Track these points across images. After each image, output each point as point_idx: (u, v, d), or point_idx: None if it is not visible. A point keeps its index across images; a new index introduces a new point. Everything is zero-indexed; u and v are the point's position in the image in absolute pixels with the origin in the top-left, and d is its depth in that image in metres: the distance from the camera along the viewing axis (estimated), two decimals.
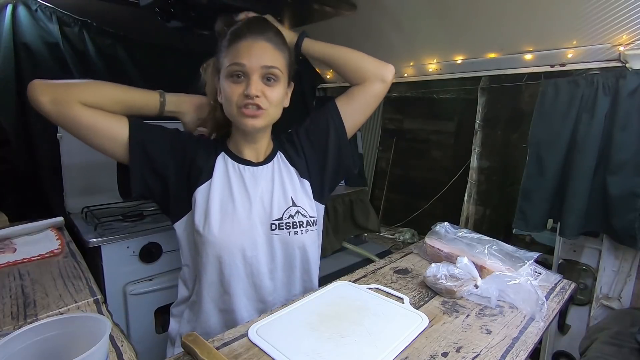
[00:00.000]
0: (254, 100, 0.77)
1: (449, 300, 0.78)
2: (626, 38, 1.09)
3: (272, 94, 0.80)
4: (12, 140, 1.46)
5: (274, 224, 0.84)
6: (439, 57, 1.62)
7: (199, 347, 0.57)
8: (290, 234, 0.84)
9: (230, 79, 0.79)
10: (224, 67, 0.79)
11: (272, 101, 0.80)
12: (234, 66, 0.77)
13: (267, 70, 0.78)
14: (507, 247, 0.92)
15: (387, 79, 0.93)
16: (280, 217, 0.84)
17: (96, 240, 1.27)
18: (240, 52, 0.77)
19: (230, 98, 0.78)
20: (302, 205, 0.87)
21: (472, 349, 0.62)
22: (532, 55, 1.33)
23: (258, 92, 0.77)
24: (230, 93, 0.78)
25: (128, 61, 1.76)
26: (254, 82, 0.77)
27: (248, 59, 0.77)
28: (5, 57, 1.41)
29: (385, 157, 2.92)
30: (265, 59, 0.78)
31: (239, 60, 0.77)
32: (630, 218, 1.13)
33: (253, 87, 0.76)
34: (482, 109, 2.17)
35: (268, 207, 0.84)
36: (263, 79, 0.79)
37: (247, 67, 0.77)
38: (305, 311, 0.71)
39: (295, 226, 0.85)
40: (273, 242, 0.84)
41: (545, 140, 1.28)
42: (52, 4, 1.50)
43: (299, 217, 0.86)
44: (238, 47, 0.78)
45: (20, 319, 0.70)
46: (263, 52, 0.78)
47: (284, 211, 0.85)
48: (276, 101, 0.81)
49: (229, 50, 0.79)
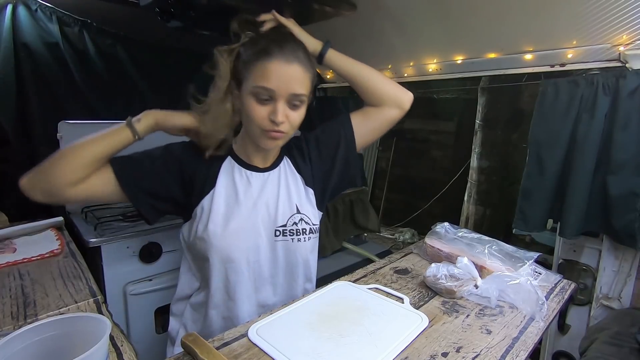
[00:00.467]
0: (279, 127, 0.76)
1: (449, 300, 0.78)
2: (626, 38, 1.09)
3: (296, 118, 0.79)
4: (12, 140, 1.46)
5: (278, 231, 0.85)
6: (439, 57, 1.62)
7: (199, 347, 0.57)
8: (293, 240, 0.85)
9: (254, 98, 0.76)
10: (249, 84, 0.76)
11: (294, 124, 0.79)
12: (261, 89, 0.74)
13: (294, 98, 0.76)
14: (507, 247, 0.92)
15: (405, 106, 0.94)
16: (284, 223, 0.85)
17: (96, 240, 1.27)
18: (270, 75, 0.74)
19: (254, 118, 0.76)
20: (306, 212, 0.88)
21: (472, 349, 0.62)
22: (532, 55, 1.33)
23: (284, 119, 0.76)
24: (254, 114, 0.76)
25: (128, 61, 1.76)
26: (280, 109, 0.75)
27: (277, 84, 0.74)
28: (5, 57, 1.41)
29: (385, 157, 2.92)
30: (294, 86, 0.75)
31: (268, 84, 0.74)
32: (630, 218, 1.13)
33: (280, 115, 0.75)
34: (482, 109, 2.17)
35: (273, 213, 0.85)
36: (289, 103, 0.77)
37: (275, 93, 0.74)
38: (305, 311, 0.71)
39: (299, 233, 0.86)
40: (276, 248, 0.85)
41: (545, 140, 1.28)
42: (52, 4, 1.50)
43: (302, 224, 0.87)
44: (267, 67, 0.74)
45: (20, 319, 0.70)
46: (293, 78, 0.75)
47: (288, 218, 0.86)
48: (298, 123, 0.80)
49: (255, 66, 0.75)
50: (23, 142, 1.49)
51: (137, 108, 1.86)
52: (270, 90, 0.74)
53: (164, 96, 1.89)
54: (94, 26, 1.64)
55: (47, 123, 1.50)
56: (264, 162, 0.88)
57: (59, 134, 1.50)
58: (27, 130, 1.50)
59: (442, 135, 2.65)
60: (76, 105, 1.62)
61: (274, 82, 0.74)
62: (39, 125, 1.51)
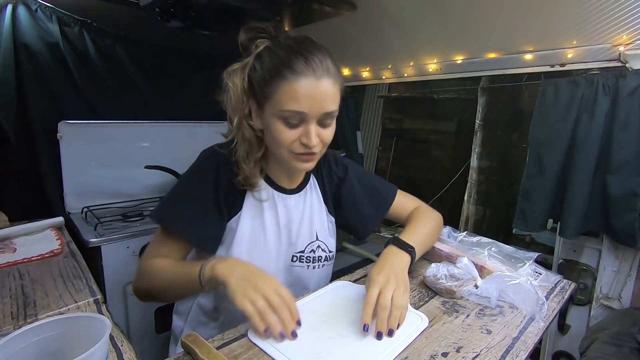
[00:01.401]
0: (311, 149, 0.70)
1: (449, 300, 0.78)
2: (626, 38, 1.09)
3: (329, 136, 0.73)
4: (12, 140, 1.46)
5: (295, 256, 0.84)
6: (439, 57, 1.62)
7: (199, 347, 0.57)
8: (309, 267, 0.85)
9: (283, 121, 0.69)
10: (275, 107, 0.68)
11: (326, 142, 0.73)
12: (290, 113, 0.67)
13: (327, 116, 0.70)
14: (506, 248, 0.92)
15: None
16: (302, 250, 0.84)
17: (96, 240, 1.27)
18: (300, 96, 0.65)
19: (282, 142, 0.70)
20: (324, 240, 0.87)
21: (472, 349, 0.62)
22: (532, 55, 1.33)
23: (317, 141, 0.69)
24: (283, 138, 0.69)
25: (128, 61, 1.76)
26: (313, 132, 0.68)
27: (309, 106, 0.66)
28: (5, 57, 1.41)
29: (385, 157, 2.92)
30: (327, 104, 0.68)
31: (299, 108, 0.66)
32: (630, 218, 1.13)
33: (313, 138, 0.68)
34: (482, 109, 2.18)
35: (294, 238, 0.84)
36: (320, 122, 0.70)
37: (307, 115, 0.67)
38: (306, 311, 0.71)
39: (315, 260, 0.85)
40: (292, 272, 0.85)
41: (545, 140, 1.28)
42: (52, 4, 1.50)
43: (319, 252, 0.86)
44: (295, 88, 0.65)
45: (20, 319, 0.70)
46: (326, 96, 0.67)
47: (307, 245, 0.85)
48: (330, 140, 0.74)
49: (280, 86, 0.66)
50: (23, 142, 1.49)
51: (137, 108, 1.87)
52: (301, 113, 0.67)
53: (164, 96, 1.89)
54: (94, 26, 1.64)
55: (47, 123, 1.50)
56: (290, 182, 0.85)
57: (59, 134, 1.50)
58: (27, 130, 1.50)
59: (442, 135, 2.65)
60: (76, 105, 1.62)
61: (305, 104, 0.66)
62: (39, 125, 1.51)
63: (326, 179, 0.90)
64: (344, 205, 0.92)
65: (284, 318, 0.61)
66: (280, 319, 0.61)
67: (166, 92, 1.89)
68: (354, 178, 0.92)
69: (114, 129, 1.67)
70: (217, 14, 1.29)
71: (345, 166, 0.93)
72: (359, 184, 0.92)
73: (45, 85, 1.53)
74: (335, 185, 0.91)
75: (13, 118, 1.46)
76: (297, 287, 0.86)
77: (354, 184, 0.92)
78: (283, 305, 0.61)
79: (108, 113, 1.71)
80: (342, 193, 0.91)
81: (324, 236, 0.88)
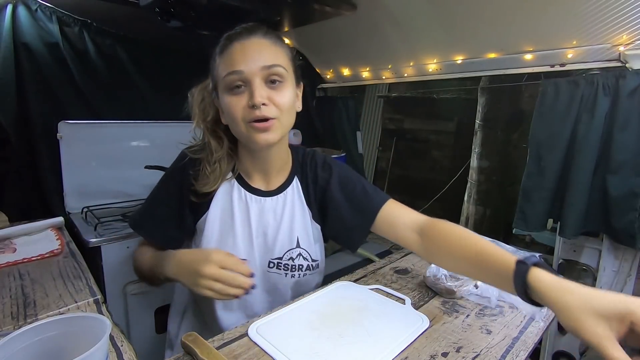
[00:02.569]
0: (261, 111, 0.66)
1: (449, 300, 0.78)
2: (626, 38, 1.09)
3: (281, 99, 0.69)
4: (12, 140, 1.46)
5: (272, 262, 0.79)
6: (439, 57, 1.62)
7: (199, 347, 0.57)
8: (287, 275, 0.79)
9: (229, 92, 0.69)
10: (221, 80, 0.70)
11: (282, 107, 0.69)
12: (230, 76, 0.67)
13: (269, 71, 0.68)
14: (507, 247, 0.92)
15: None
16: (280, 256, 0.79)
17: (96, 240, 1.27)
18: (234, 57, 0.67)
19: (234, 113, 0.68)
20: (307, 248, 0.81)
21: (472, 349, 0.62)
22: (532, 55, 1.33)
23: (264, 99, 0.67)
24: (232, 108, 0.68)
25: (128, 61, 1.76)
26: (257, 89, 0.66)
27: (244, 62, 0.67)
28: (5, 57, 1.41)
29: (385, 157, 2.92)
30: (264, 57, 0.67)
31: (234, 67, 0.67)
32: (630, 218, 1.13)
33: (257, 94, 0.66)
34: (482, 109, 2.17)
35: (271, 243, 0.79)
36: (267, 82, 0.68)
37: (245, 72, 0.67)
38: (306, 310, 0.71)
39: (294, 269, 0.79)
40: (269, 278, 0.80)
41: (545, 140, 1.28)
42: (52, 4, 1.50)
43: (299, 260, 0.80)
44: (230, 53, 0.68)
45: (20, 319, 0.70)
46: (260, 50, 0.68)
47: (286, 252, 0.79)
48: (287, 106, 0.70)
49: (221, 58, 0.70)
50: (23, 143, 1.49)
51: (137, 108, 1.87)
52: (238, 72, 0.67)
53: (164, 96, 1.89)
54: (94, 26, 1.64)
55: (47, 123, 1.50)
56: (266, 184, 0.81)
57: (59, 134, 1.50)
58: (27, 131, 1.49)
59: (442, 135, 2.65)
60: (76, 105, 1.62)
61: (240, 61, 0.67)
62: (39, 125, 1.50)
63: (311, 182, 0.83)
64: (328, 211, 0.83)
65: (240, 283, 0.64)
66: (238, 285, 0.64)
67: (166, 92, 1.89)
68: (336, 181, 0.82)
69: (114, 129, 1.67)
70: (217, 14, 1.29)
71: (330, 167, 0.84)
72: (340, 188, 0.82)
73: (45, 85, 1.52)
74: (321, 189, 0.83)
75: (13, 118, 1.46)
76: (274, 294, 0.81)
77: (336, 187, 0.82)
78: (233, 275, 0.64)
79: (108, 113, 1.71)
80: (326, 197, 0.82)
81: (307, 243, 0.81)
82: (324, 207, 0.84)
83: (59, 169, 1.53)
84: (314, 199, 0.84)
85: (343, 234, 0.84)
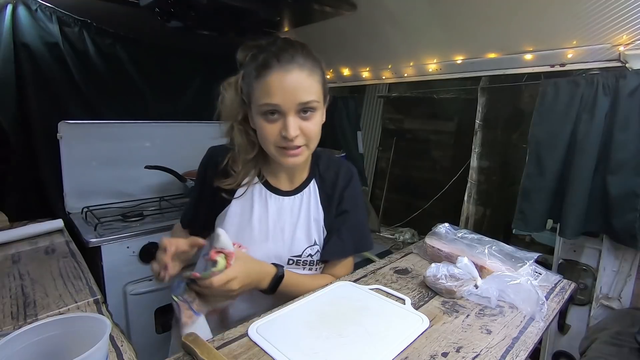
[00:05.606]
0: (293, 142, 0.72)
1: (449, 300, 0.78)
2: (626, 38, 1.09)
3: (311, 128, 0.74)
4: (12, 141, 1.46)
5: (292, 260, 0.84)
6: (439, 57, 1.62)
7: (199, 347, 0.57)
8: (305, 269, 0.85)
9: (263, 117, 0.73)
10: (256, 104, 0.74)
11: (311, 135, 0.75)
12: (266, 107, 0.72)
13: (303, 107, 0.72)
14: (507, 247, 0.92)
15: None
16: (299, 254, 0.84)
17: (96, 240, 1.27)
18: (272, 89, 0.70)
19: (267, 137, 0.74)
20: (321, 244, 0.87)
21: (472, 349, 0.62)
22: (532, 55, 1.33)
23: (296, 132, 0.72)
24: (266, 133, 0.74)
25: (128, 61, 1.76)
26: (291, 123, 0.71)
27: (282, 97, 0.70)
28: (5, 57, 1.41)
29: (385, 157, 2.92)
30: (300, 94, 0.71)
31: (272, 100, 0.70)
32: (630, 218, 1.13)
33: (291, 129, 0.71)
34: (482, 109, 2.17)
35: (288, 241, 0.83)
36: (299, 115, 0.73)
37: (282, 107, 0.71)
38: (306, 310, 0.71)
39: (312, 264, 0.85)
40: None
41: (545, 140, 1.28)
42: (52, 4, 1.50)
43: (317, 255, 0.86)
44: (267, 82, 0.71)
45: (20, 319, 0.70)
46: (297, 87, 0.71)
47: (305, 249, 0.84)
48: (316, 133, 0.76)
49: (258, 82, 0.72)
50: (23, 143, 1.49)
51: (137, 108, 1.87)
52: (275, 105, 0.71)
53: (164, 96, 1.89)
54: (94, 26, 1.64)
55: (47, 123, 1.50)
56: (289, 184, 0.86)
57: (59, 134, 1.50)
58: (27, 131, 1.50)
59: (442, 135, 2.65)
60: (76, 105, 1.62)
61: (278, 96, 0.70)
62: (39, 126, 1.51)
63: (329, 187, 0.89)
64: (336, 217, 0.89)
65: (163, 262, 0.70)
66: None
67: (166, 92, 1.90)
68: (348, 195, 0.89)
69: (114, 129, 1.67)
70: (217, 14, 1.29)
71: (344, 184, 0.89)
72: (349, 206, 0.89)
73: (45, 85, 1.53)
74: (339, 195, 0.89)
75: (13, 118, 1.46)
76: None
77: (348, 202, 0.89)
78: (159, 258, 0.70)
79: (108, 113, 1.71)
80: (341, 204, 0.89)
81: (321, 241, 0.87)
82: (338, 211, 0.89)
83: (59, 169, 1.53)
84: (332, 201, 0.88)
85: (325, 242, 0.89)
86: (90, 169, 1.60)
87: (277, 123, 0.73)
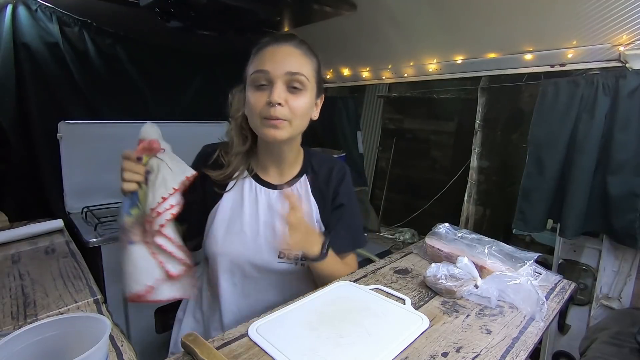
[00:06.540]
0: (276, 109, 0.73)
1: (449, 300, 0.78)
2: (626, 38, 1.09)
3: (297, 104, 0.75)
4: (12, 141, 1.46)
5: (283, 253, 0.84)
6: (439, 57, 1.62)
7: (199, 347, 0.57)
8: (297, 264, 0.84)
9: (253, 88, 0.75)
10: (249, 76, 0.77)
11: (295, 111, 0.75)
12: (257, 74, 0.74)
13: (291, 77, 0.74)
14: (507, 247, 0.92)
15: None
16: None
17: (96, 240, 1.27)
18: (264, 58, 0.74)
19: (254, 107, 0.75)
20: None
21: (472, 349, 0.62)
22: (532, 55, 1.33)
23: (281, 100, 0.72)
24: (253, 102, 0.75)
25: (128, 61, 1.76)
26: (277, 89, 0.73)
27: (272, 64, 0.73)
28: (5, 57, 1.41)
29: (385, 157, 2.92)
30: (290, 64, 0.74)
31: (262, 67, 0.74)
32: (630, 218, 1.13)
33: (276, 93, 0.72)
34: (482, 109, 2.18)
35: (280, 235, 0.81)
36: (288, 86, 0.75)
37: (270, 73, 0.73)
38: (306, 310, 0.71)
39: (304, 259, 0.84)
40: (279, 267, 0.84)
41: (545, 140, 1.28)
42: (52, 4, 1.50)
43: None
44: (262, 54, 0.75)
45: (20, 319, 0.70)
46: (288, 58, 0.75)
47: None
48: (301, 112, 0.76)
49: (254, 57, 0.77)
50: (23, 142, 1.49)
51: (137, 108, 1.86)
52: (264, 71, 0.73)
53: (163, 96, 1.89)
54: (94, 26, 1.64)
55: (47, 123, 1.50)
56: (279, 177, 0.86)
57: (59, 134, 1.50)
58: (27, 131, 1.50)
59: (442, 135, 2.65)
60: (76, 105, 1.62)
61: (268, 62, 0.74)
62: (39, 126, 1.51)
63: (322, 182, 0.89)
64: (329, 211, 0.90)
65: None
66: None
67: (166, 92, 1.89)
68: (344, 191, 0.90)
69: (114, 129, 1.67)
70: (217, 14, 1.29)
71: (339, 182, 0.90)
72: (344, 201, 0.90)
73: (45, 85, 1.53)
74: (333, 190, 0.89)
75: (13, 118, 1.46)
76: (284, 280, 0.86)
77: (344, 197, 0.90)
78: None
79: (108, 113, 1.71)
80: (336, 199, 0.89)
81: None
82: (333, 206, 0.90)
83: (59, 169, 1.53)
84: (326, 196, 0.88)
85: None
86: (90, 169, 1.60)
87: (265, 92, 0.74)
